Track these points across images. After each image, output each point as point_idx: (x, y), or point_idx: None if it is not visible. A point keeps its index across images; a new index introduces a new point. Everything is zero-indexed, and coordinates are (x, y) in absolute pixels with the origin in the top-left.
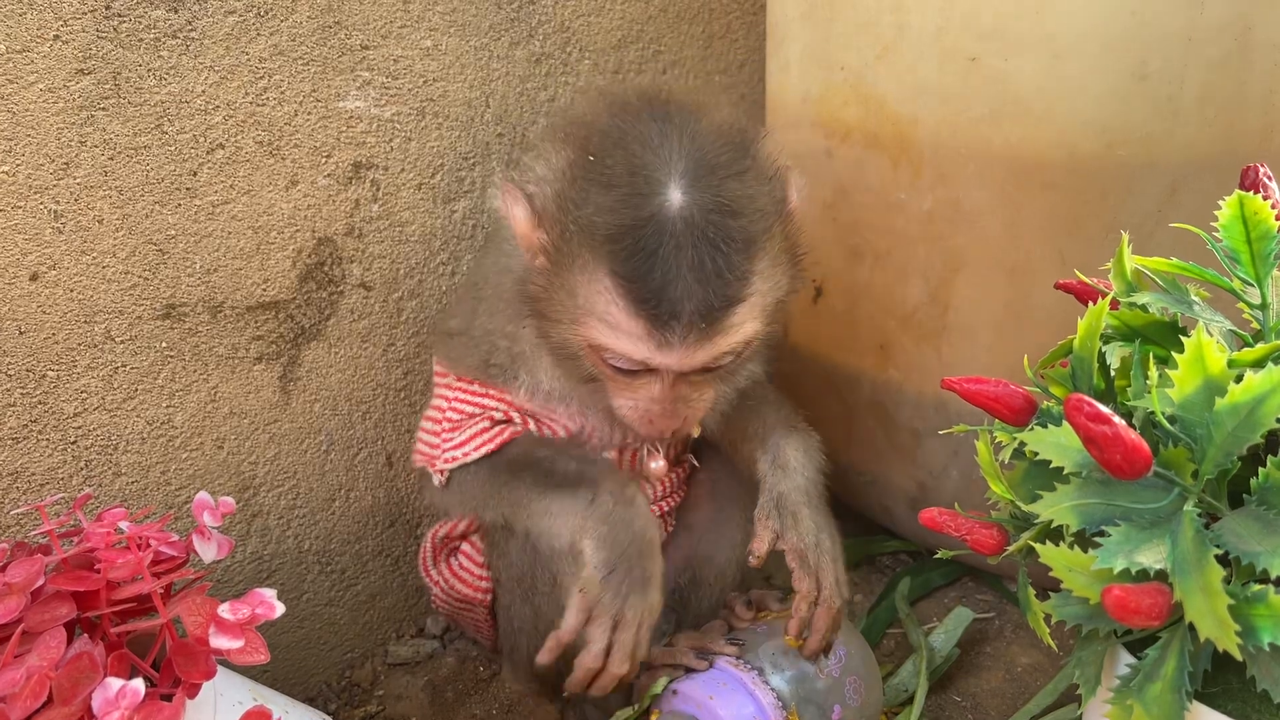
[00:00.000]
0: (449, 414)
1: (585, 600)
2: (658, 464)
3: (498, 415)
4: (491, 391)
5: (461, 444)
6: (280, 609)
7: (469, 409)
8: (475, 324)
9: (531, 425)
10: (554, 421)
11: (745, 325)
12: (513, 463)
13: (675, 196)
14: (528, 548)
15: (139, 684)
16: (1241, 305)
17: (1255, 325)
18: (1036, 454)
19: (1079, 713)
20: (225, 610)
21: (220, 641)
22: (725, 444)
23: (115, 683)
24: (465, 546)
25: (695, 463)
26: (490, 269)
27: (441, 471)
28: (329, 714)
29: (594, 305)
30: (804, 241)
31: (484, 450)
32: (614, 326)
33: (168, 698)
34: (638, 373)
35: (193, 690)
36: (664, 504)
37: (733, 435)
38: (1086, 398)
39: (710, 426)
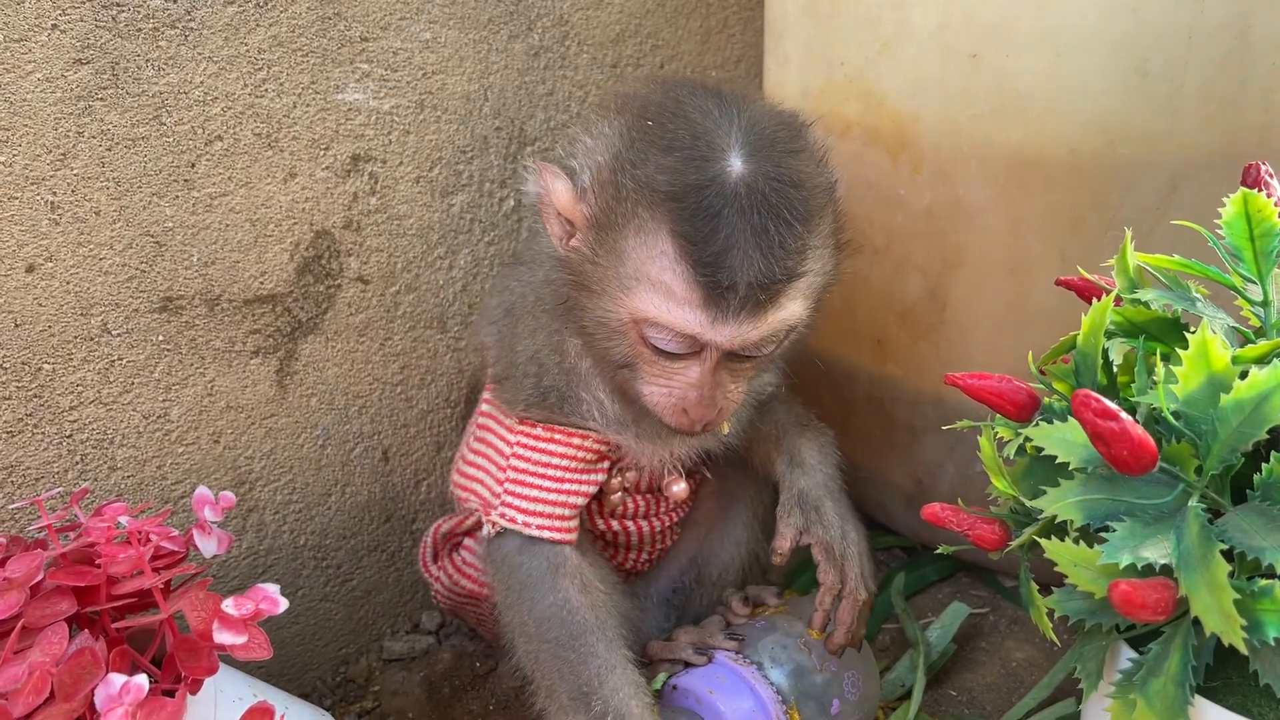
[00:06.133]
0: (513, 461)
1: None
2: (679, 487)
3: (579, 455)
4: (558, 436)
5: (527, 510)
6: (283, 604)
7: (536, 456)
8: (518, 351)
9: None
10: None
11: (794, 304)
12: (568, 624)
13: (737, 163)
14: None
15: (142, 679)
16: (1241, 302)
17: (1255, 322)
18: (1040, 450)
19: (1079, 708)
20: (229, 605)
21: (224, 637)
22: (740, 446)
23: (118, 678)
24: (468, 541)
25: (708, 475)
26: (526, 285)
27: (494, 524)
28: (324, 710)
29: (648, 270)
30: (848, 231)
31: (544, 534)
32: (668, 294)
33: (170, 694)
34: (678, 356)
35: (195, 686)
36: (672, 515)
37: (747, 436)
38: (1094, 393)
39: (736, 431)
